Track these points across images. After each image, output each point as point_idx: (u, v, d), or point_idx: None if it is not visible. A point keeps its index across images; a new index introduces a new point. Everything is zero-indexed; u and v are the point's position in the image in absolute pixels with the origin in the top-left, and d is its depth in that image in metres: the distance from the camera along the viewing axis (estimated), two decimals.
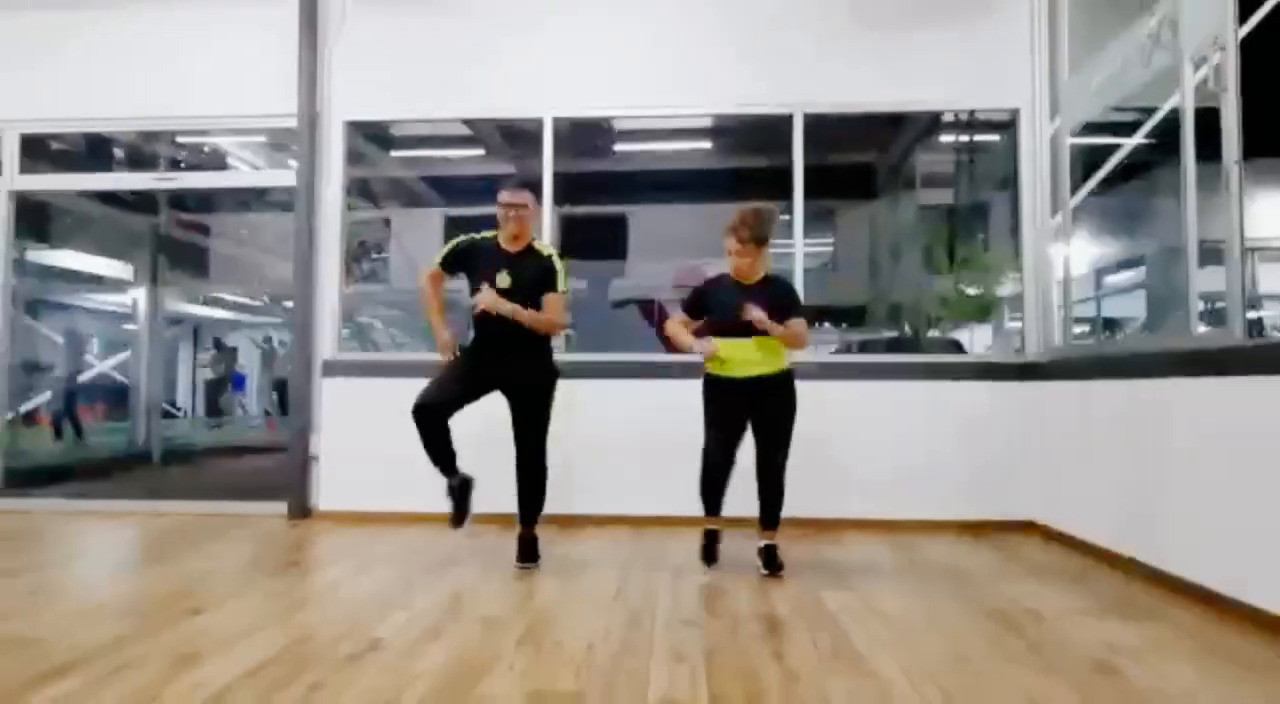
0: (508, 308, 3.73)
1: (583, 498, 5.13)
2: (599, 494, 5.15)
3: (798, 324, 3.84)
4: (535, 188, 5.43)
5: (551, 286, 3.85)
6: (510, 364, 3.86)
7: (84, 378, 12.45)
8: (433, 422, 3.79)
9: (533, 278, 3.83)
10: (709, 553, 4.03)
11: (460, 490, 3.92)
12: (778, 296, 3.88)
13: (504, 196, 3.84)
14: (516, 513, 4.04)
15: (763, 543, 3.92)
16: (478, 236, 3.99)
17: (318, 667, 2.54)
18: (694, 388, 4.01)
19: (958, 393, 5.13)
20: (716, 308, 3.91)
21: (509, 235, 3.88)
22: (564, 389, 4.29)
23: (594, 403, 5.15)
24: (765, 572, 3.81)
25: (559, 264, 3.90)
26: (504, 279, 3.81)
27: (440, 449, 3.87)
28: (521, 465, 3.97)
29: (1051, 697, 2.33)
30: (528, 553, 3.99)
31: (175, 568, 3.94)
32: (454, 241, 4.01)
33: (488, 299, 3.74)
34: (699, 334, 3.94)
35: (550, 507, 4.73)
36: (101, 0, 5.73)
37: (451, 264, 3.99)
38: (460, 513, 3.94)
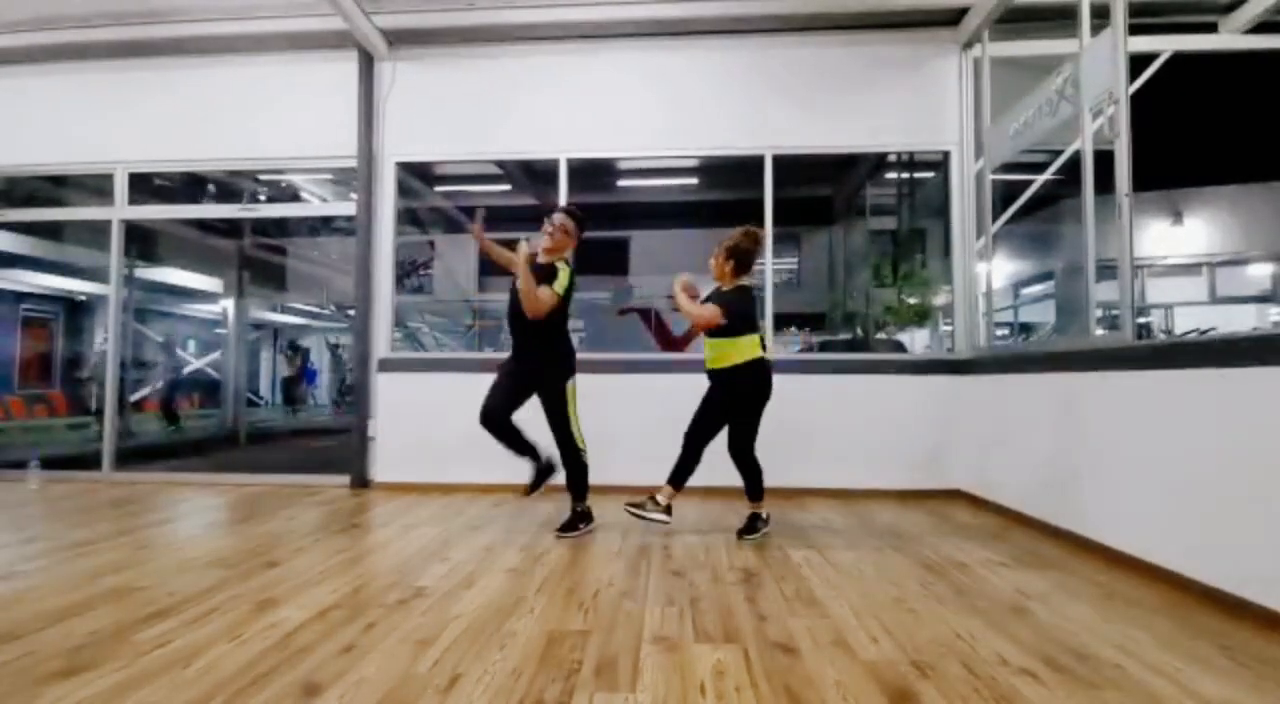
0: (517, 259, 3.64)
1: (592, 471, 5.13)
2: (606, 468, 5.12)
3: (692, 304, 3.75)
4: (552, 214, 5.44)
5: (550, 281, 3.73)
6: (529, 362, 3.83)
7: (184, 373, 12.46)
8: (495, 425, 3.78)
9: (537, 270, 3.73)
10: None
11: (541, 470, 3.91)
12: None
13: (551, 216, 3.90)
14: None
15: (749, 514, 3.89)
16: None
17: (372, 610, 2.54)
18: (681, 380, 4.01)
19: (900, 385, 5.13)
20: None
21: (543, 247, 3.86)
22: (580, 382, 4.29)
23: (602, 392, 5.15)
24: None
25: (562, 270, 3.78)
26: (519, 250, 3.69)
27: (513, 444, 3.85)
28: (560, 452, 3.89)
29: (974, 631, 2.33)
30: (567, 524, 3.88)
31: (256, 528, 3.94)
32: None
33: (520, 249, 3.67)
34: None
35: (563, 478, 4.72)
36: (192, 59, 5.73)
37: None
38: (533, 486, 3.92)
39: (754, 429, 3.81)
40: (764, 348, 3.77)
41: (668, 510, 3.79)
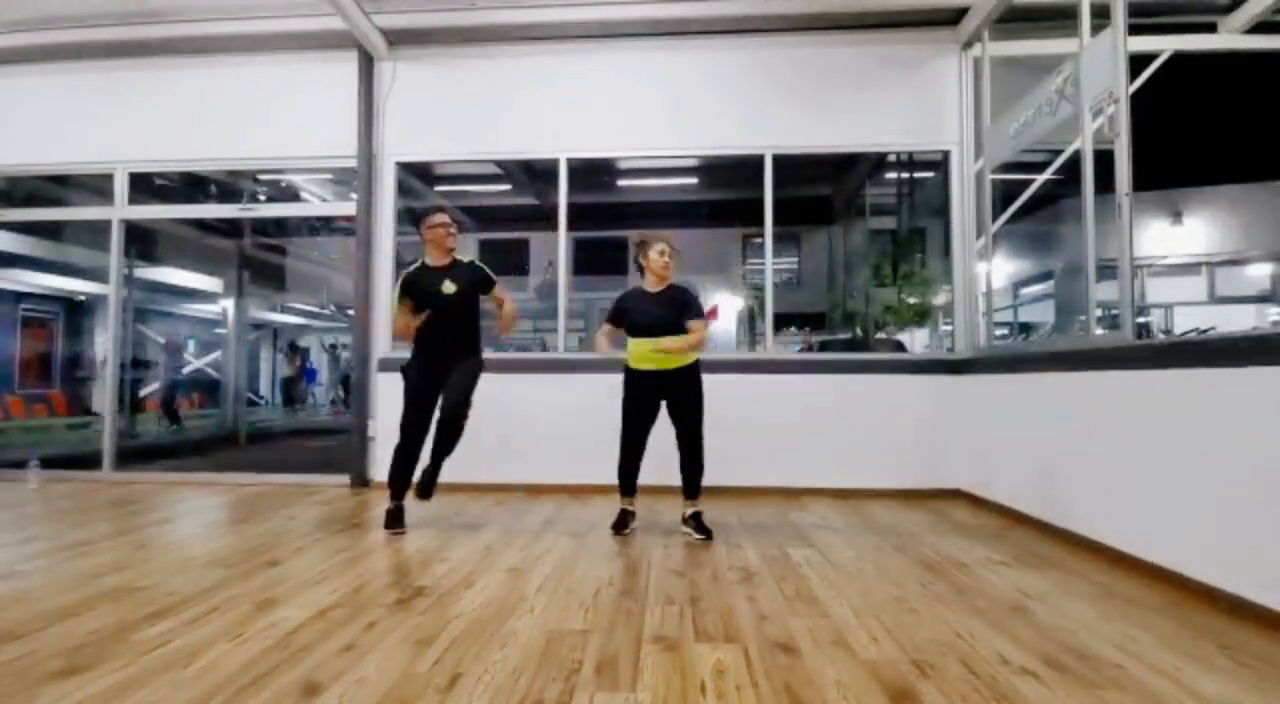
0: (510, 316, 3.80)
1: (590, 471, 5.14)
2: (604, 468, 5.13)
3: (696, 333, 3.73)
4: (552, 216, 5.46)
5: (490, 282, 3.91)
6: (457, 359, 3.89)
7: (184, 373, 12.46)
8: (418, 441, 3.92)
9: (469, 280, 3.86)
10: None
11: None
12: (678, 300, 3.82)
13: (439, 219, 3.90)
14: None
15: (689, 511, 3.87)
16: (408, 271, 3.93)
17: (372, 609, 2.54)
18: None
19: (900, 384, 5.13)
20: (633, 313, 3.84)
21: (441, 253, 3.89)
22: (580, 381, 4.32)
23: (603, 393, 5.15)
24: (699, 537, 3.73)
25: (484, 268, 3.94)
26: (449, 286, 3.80)
27: (411, 465, 3.97)
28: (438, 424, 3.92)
29: (974, 631, 2.33)
30: (427, 486, 3.96)
31: (257, 528, 3.94)
32: (399, 283, 3.92)
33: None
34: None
35: (565, 478, 4.76)
36: (191, 59, 5.73)
37: (404, 297, 3.89)
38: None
39: None
40: None
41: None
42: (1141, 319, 10.22)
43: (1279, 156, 10.49)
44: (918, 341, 11.37)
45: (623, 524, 3.88)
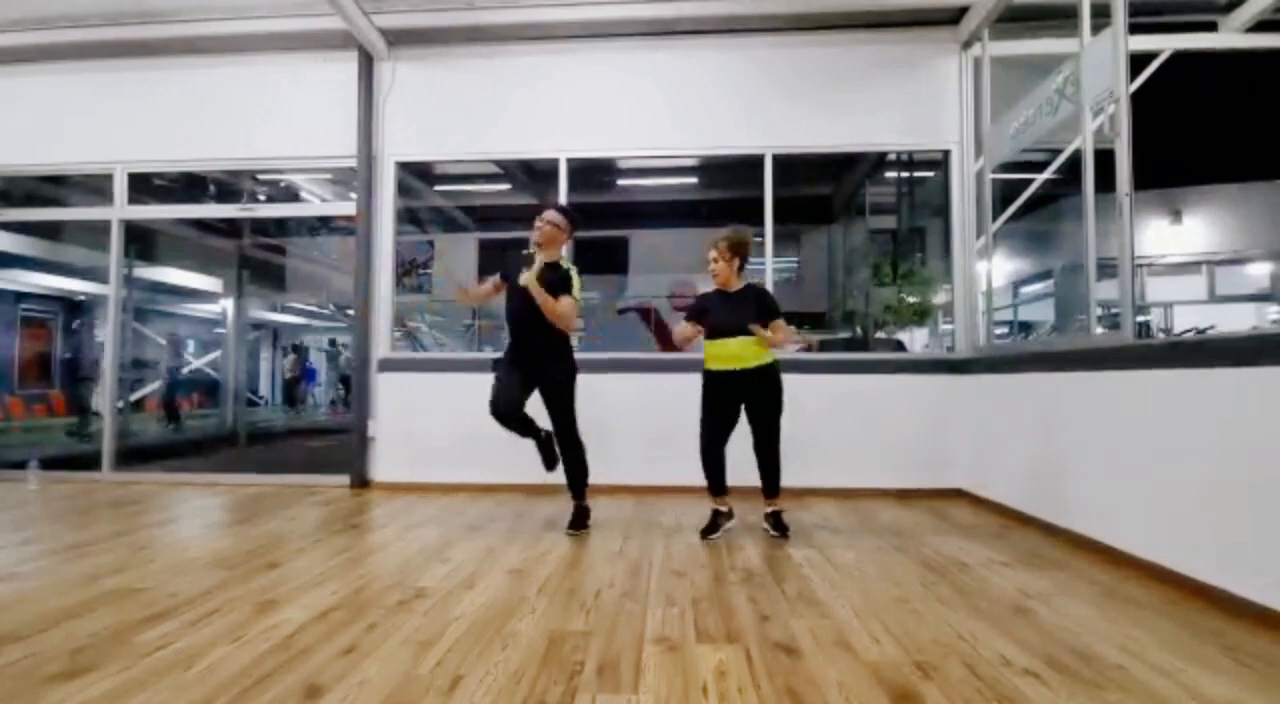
0: (532, 283, 3.70)
1: (594, 470, 5.13)
2: (607, 467, 5.13)
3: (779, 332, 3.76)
4: None
5: (566, 290, 3.79)
6: (535, 363, 3.84)
7: (184, 373, 12.45)
8: (507, 416, 3.80)
9: (549, 281, 3.76)
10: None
11: (545, 443, 3.93)
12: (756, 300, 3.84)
13: (541, 216, 3.91)
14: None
15: (769, 509, 3.88)
16: (522, 253, 3.95)
17: (373, 611, 2.54)
18: (681, 380, 3.99)
19: (900, 384, 5.12)
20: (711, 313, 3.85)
21: (535, 242, 3.89)
22: (582, 381, 4.29)
23: (602, 391, 5.16)
24: (775, 534, 3.78)
25: (574, 273, 3.85)
26: (525, 277, 3.74)
27: (524, 431, 3.89)
28: (560, 446, 3.92)
29: (976, 632, 2.33)
30: (575, 521, 3.93)
31: (257, 529, 3.93)
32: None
33: (525, 276, 3.71)
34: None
35: (564, 478, 4.74)
36: (191, 59, 5.72)
37: (506, 277, 3.92)
38: (548, 460, 3.94)
39: None
40: None
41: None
42: (1141, 318, 10.22)
43: (1279, 155, 10.49)
44: (917, 341, 11.35)
45: (713, 528, 3.81)
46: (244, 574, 3.01)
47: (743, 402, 3.81)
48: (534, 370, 3.84)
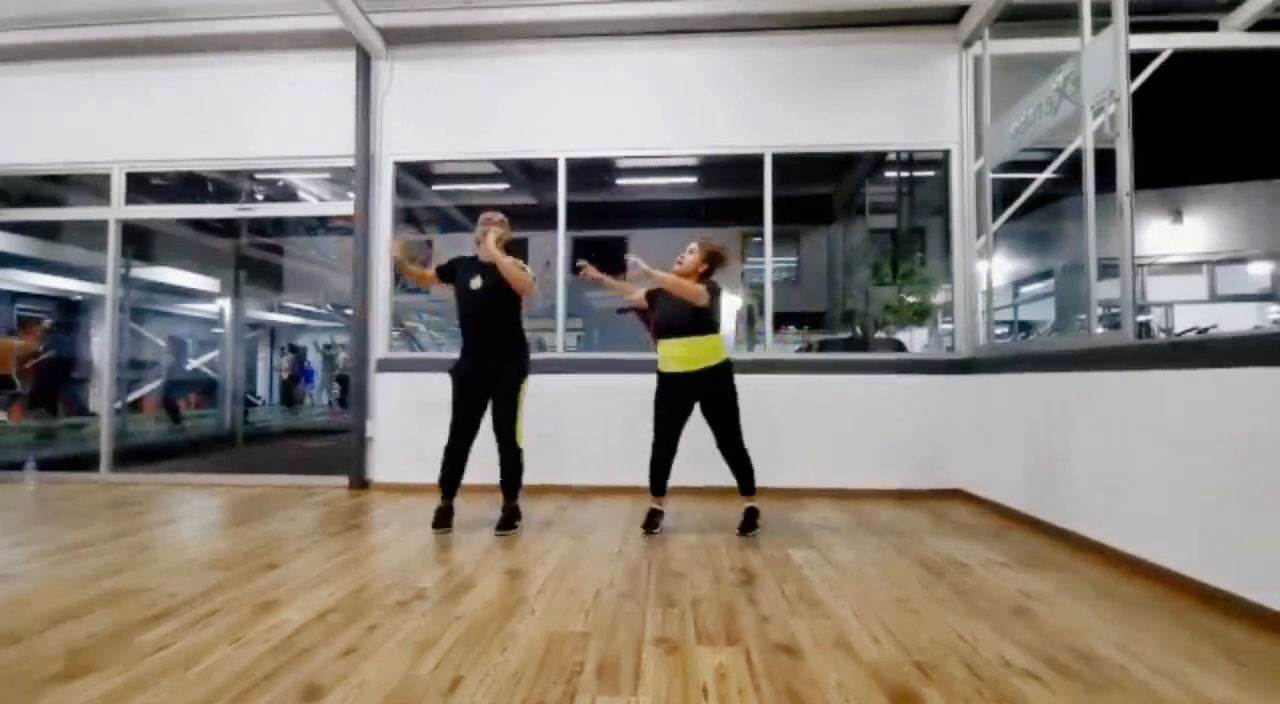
0: (493, 249, 3.83)
1: (592, 472, 5.16)
2: (606, 469, 5.16)
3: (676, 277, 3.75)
4: (550, 216, 5.46)
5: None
6: (491, 361, 3.92)
7: (183, 372, 12.45)
8: (460, 461, 3.98)
9: (497, 278, 3.88)
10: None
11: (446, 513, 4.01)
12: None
13: (484, 215, 3.98)
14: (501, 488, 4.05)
15: (745, 507, 3.93)
16: (461, 256, 4.07)
17: (373, 612, 2.54)
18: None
19: (899, 384, 5.13)
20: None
21: (483, 251, 3.95)
22: (579, 382, 4.33)
23: (600, 392, 5.18)
24: (749, 532, 3.82)
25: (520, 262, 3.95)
26: (477, 282, 3.89)
27: (455, 482, 4.02)
28: (501, 448, 3.98)
29: (976, 633, 2.34)
30: (506, 522, 3.95)
31: (255, 530, 3.94)
32: (449, 260, 4.09)
33: (483, 247, 3.88)
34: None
35: (562, 478, 4.78)
36: (189, 58, 5.72)
37: (440, 271, 4.04)
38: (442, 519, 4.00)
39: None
40: None
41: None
42: (1142, 318, 10.22)
43: (1279, 155, 10.51)
44: (917, 341, 11.37)
45: (652, 523, 3.91)
46: (243, 575, 3.02)
47: (696, 403, 3.86)
48: (492, 374, 3.92)
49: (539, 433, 5.19)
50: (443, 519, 3.94)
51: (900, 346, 10.19)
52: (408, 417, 5.35)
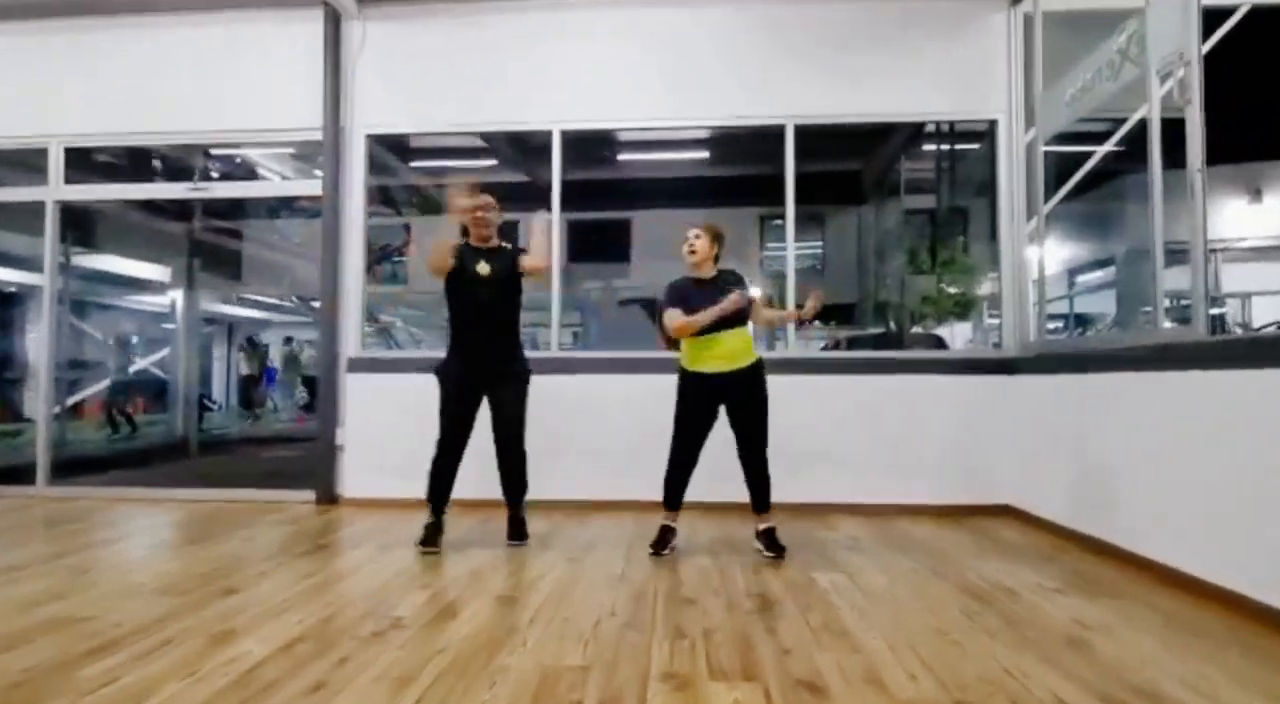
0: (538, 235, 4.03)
1: (590, 484, 5.17)
2: (606, 482, 5.17)
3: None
4: (544, 195, 5.46)
5: (520, 251, 4.08)
6: (496, 363, 4.02)
7: (129, 373, 12.47)
8: (450, 472, 4.09)
9: (508, 267, 3.99)
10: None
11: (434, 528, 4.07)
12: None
13: (475, 200, 4.00)
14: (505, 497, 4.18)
15: (761, 527, 3.94)
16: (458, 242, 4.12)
17: (344, 643, 2.55)
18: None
19: (939, 386, 5.13)
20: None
21: (479, 237, 4.03)
22: (576, 384, 4.35)
23: (599, 395, 5.18)
24: (770, 554, 3.83)
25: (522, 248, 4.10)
26: (484, 268, 3.95)
27: (444, 494, 4.11)
28: (503, 453, 4.10)
29: (1025, 668, 2.34)
30: (517, 532, 4.13)
31: (212, 550, 3.96)
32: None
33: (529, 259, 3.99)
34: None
35: (558, 493, 4.79)
36: (135, 19, 5.72)
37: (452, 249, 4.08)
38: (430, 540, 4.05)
39: None
40: None
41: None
42: (1216, 311, 10.19)
43: None
44: (959, 337, 11.37)
45: (663, 542, 3.93)
46: (198, 601, 3.03)
47: (725, 406, 3.89)
48: (496, 373, 4.01)
49: (532, 442, 5.19)
50: (432, 537, 3.98)
51: (940, 343, 10.19)
52: (383, 423, 5.35)
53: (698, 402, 3.89)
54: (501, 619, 2.83)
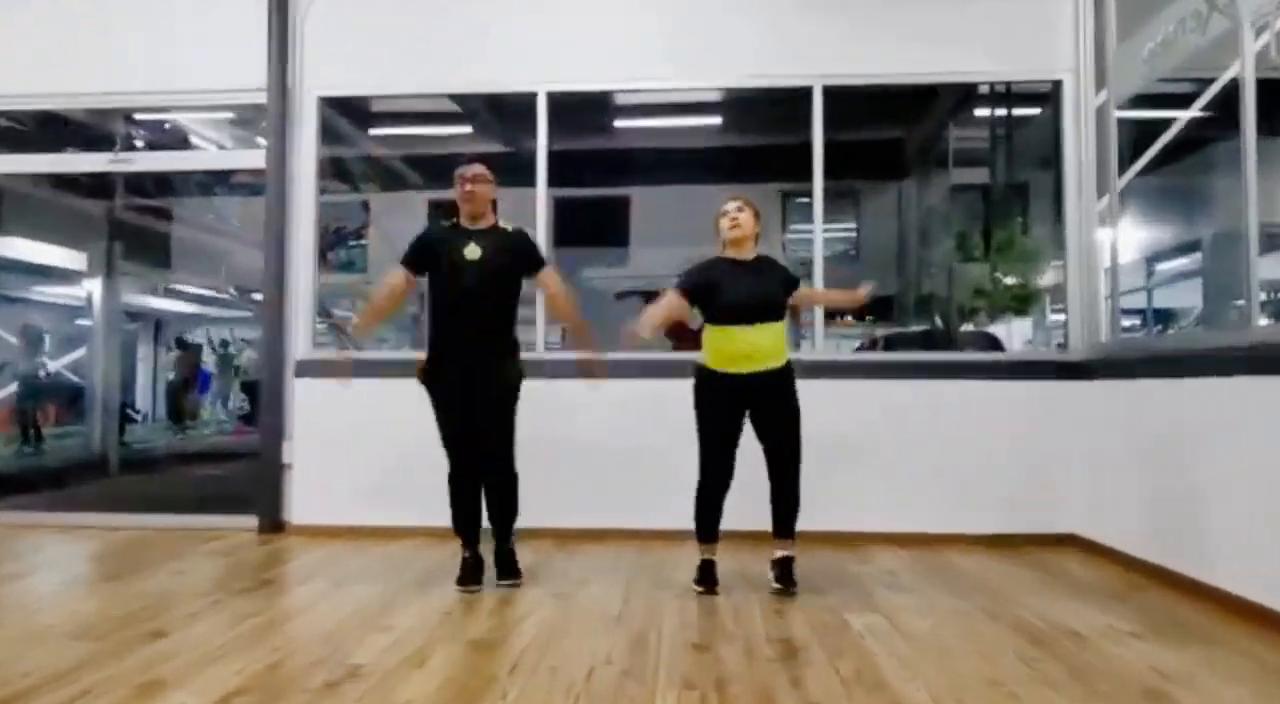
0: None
1: (581, 509, 5.16)
2: (599, 505, 5.16)
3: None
4: (527, 168, 5.46)
5: (537, 260, 4.08)
6: (484, 356, 3.97)
7: (40, 377, 12.47)
8: (472, 479, 4.03)
9: (504, 251, 3.96)
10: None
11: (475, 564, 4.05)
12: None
13: (460, 170, 3.99)
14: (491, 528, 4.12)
15: (778, 554, 3.94)
16: (435, 225, 4.15)
17: (293, 696, 2.55)
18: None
19: (994, 393, 5.13)
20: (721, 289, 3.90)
21: (468, 215, 3.99)
22: (562, 391, 4.34)
23: (594, 406, 5.15)
24: (778, 586, 3.84)
25: (526, 231, 4.10)
26: (473, 251, 3.90)
27: (473, 514, 4.08)
28: (489, 472, 4.06)
29: None
30: (507, 568, 4.06)
31: (136, 587, 3.95)
32: (414, 239, 4.14)
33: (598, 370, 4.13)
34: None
35: (546, 519, 4.78)
36: None
37: (415, 260, 4.08)
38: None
39: None
40: None
41: None
42: None
43: None
44: (1017, 336, 11.37)
45: (710, 579, 3.93)
46: (120, 646, 3.03)
47: (750, 413, 3.90)
48: (482, 373, 3.95)
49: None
50: (470, 574, 3.98)
51: (995, 344, 10.19)
52: (338, 436, 5.35)
53: (716, 406, 3.88)
54: (477, 668, 2.83)
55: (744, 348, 3.80)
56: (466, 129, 11.09)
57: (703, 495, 3.97)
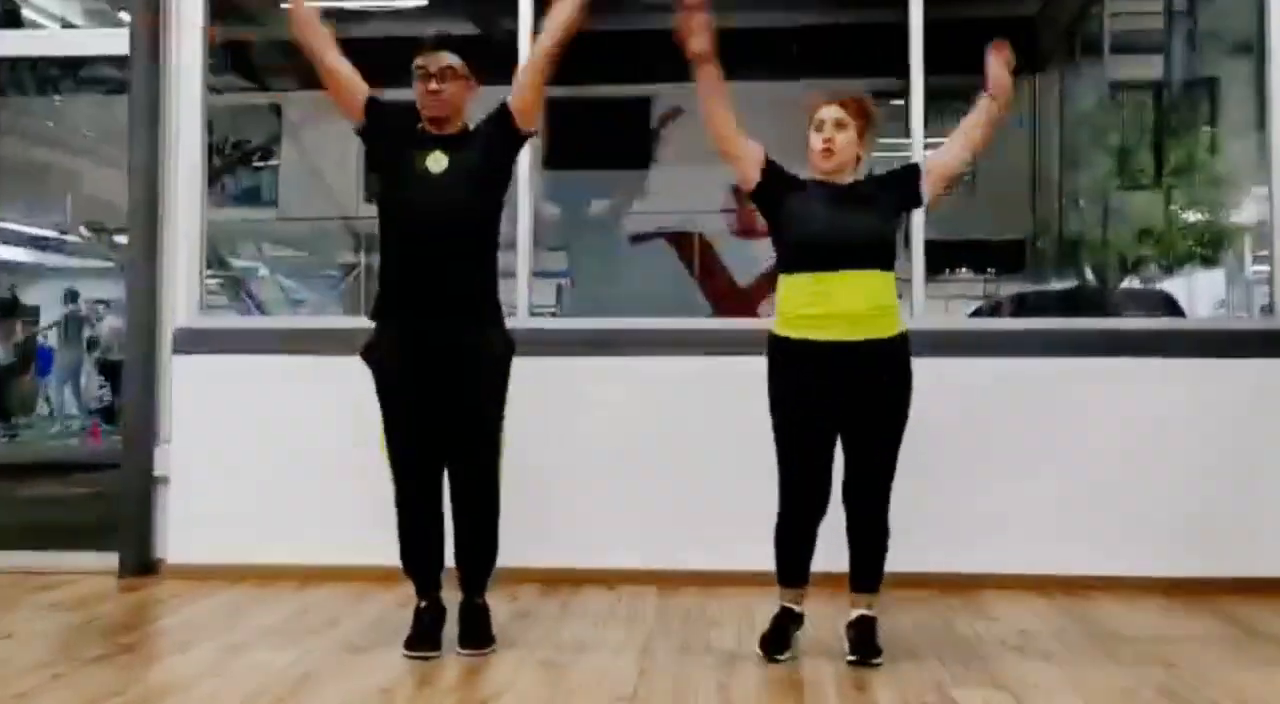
0: None
1: (579, 544, 5.14)
2: (607, 537, 5.15)
3: None
4: (505, 58, 5.43)
5: (503, 106, 4.05)
6: (455, 317, 3.84)
7: None
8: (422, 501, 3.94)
9: (478, 150, 3.93)
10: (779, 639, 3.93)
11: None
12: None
13: (416, 60, 3.93)
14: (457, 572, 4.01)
15: (854, 614, 3.90)
16: (396, 109, 4.10)
17: None
18: (750, 367, 3.95)
19: (1171, 377, 5.10)
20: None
21: (430, 118, 3.93)
22: (550, 371, 4.32)
23: (600, 392, 5.15)
24: (854, 658, 3.77)
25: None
26: (438, 160, 3.82)
27: (432, 553, 3.99)
28: (459, 494, 3.95)
29: None
30: (473, 632, 3.92)
31: None
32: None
33: None
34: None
35: (520, 558, 4.75)
36: None
37: (372, 117, 4.06)
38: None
39: None
40: None
41: None
42: None
43: None
44: (1204, 295, 11.32)
45: (781, 639, 3.83)
46: None
47: (841, 402, 3.78)
48: (457, 345, 3.82)
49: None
50: (423, 633, 3.86)
51: (1172, 306, 10.13)
52: (235, 439, 5.35)
53: (790, 388, 3.78)
54: None
55: (828, 304, 3.70)
56: (421, 2, 11.09)
57: (784, 522, 3.85)
